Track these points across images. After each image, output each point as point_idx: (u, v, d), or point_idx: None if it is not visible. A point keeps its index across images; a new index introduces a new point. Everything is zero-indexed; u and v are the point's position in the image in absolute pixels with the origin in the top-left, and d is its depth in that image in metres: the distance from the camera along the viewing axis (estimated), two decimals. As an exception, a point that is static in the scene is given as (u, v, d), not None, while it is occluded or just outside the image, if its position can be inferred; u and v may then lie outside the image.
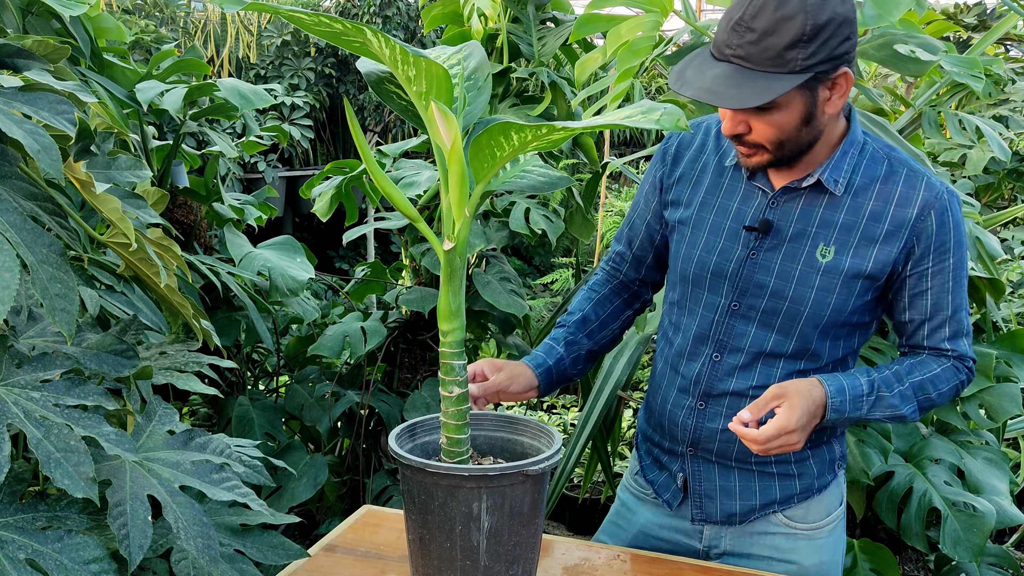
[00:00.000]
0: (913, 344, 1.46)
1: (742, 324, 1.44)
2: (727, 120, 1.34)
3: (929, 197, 1.36)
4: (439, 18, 2.74)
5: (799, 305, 1.40)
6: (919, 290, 1.40)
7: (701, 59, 1.30)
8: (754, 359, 1.44)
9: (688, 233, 1.49)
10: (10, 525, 0.96)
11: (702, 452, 1.51)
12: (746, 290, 1.43)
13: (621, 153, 8.11)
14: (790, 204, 1.41)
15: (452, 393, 1.24)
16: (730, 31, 1.26)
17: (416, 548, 1.26)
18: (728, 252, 1.44)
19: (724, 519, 1.53)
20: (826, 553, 1.54)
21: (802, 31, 1.22)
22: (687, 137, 1.53)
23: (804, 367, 1.44)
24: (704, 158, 1.50)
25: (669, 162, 1.54)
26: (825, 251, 1.39)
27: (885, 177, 1.39)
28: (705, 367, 1.47)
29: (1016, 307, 3.74)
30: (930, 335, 1.43)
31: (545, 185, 1.32)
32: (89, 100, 1.11)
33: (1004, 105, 4.28)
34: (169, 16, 6.04)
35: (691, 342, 1.50)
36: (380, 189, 1.19)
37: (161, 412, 1.18)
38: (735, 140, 1.36)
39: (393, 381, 2.80)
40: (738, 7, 1.26)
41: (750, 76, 1.25)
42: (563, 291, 5.62)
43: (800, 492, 1.51)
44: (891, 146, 1.43)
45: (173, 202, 2.49)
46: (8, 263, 0.91)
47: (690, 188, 1.50)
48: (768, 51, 1.23)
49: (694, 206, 1.49)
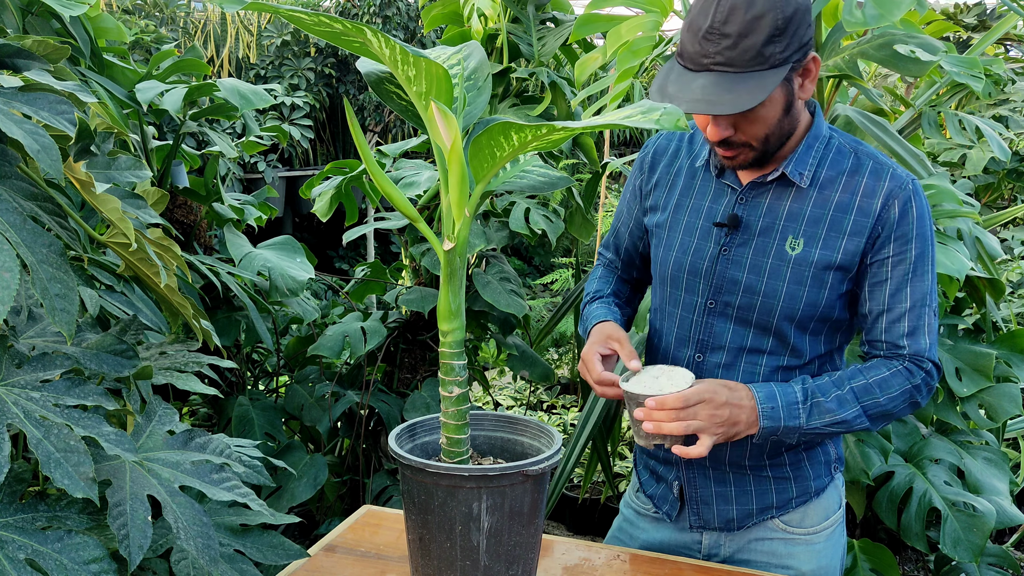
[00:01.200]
0: (871, 340, 1.42)
1: (720, 322, 1.45)
2: (712, 127, 1.33)
3: (893, 187, 1.37)
4: (439, 18, 2.74)
5: (772, 299, 1.41)
6: (878, 279, 1.39)
7: (676, 74, 1.30)
8: (736, 356, 1.45)
9: (665, 235, 1.51)
10: (10, 525, 0.96)
11: (696, 458, 1.50)
12: (720, 287, 1.44)
13: (621, 153, 8.11)
14: (758, 199, 1.43)
15: (452, 393, 1.24)
16: (702, 41, 1.26)
17: (416, 548, 1.26)
18: (701, 250, 1.46)
19: (722, 525, 1.54)
20: (824, 558, 1.53)
21: (775, 26, 1.24)
22: (663, 144, 1.56)
23: (788, 363, 1.44)
24: (678, 162, 1.53)
25: (647, 170, 1.57)
26: (794, 244, 1.40)
27: (852, 170, 1.40)
28: (689, 368, 1.47)
29: (1016, 307, 3.74)
30: (888, 329, 1.39)
31: (545, 185, 1.32)
32: (89, 100, 1.11)
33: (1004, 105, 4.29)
34: (169, 16, 6.04)
35: (673, 345, 1.51)
36: (380, 189, 1.19)
37: (161, 412, 1.18)
38: (722, 145, 1.36)
39: (393, 381, 2.80)
40: (702, 17, 1.26)
41: (737, 79, 1.25)
42: (563, 291, 5.62)
43: (797, 496, 1.51)
44: (858, 140, 1.44)
45: (173, 202, 2.49)
46: (8, 263, 0.91)
47: (666, 192, 1.53)
48: (747, 52, 1.24)
49: (669, 209, 1.51)
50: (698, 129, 1.51)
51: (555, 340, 5.02)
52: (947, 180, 2.18)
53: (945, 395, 2.26)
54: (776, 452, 1.48)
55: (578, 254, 4.94)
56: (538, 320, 5.09)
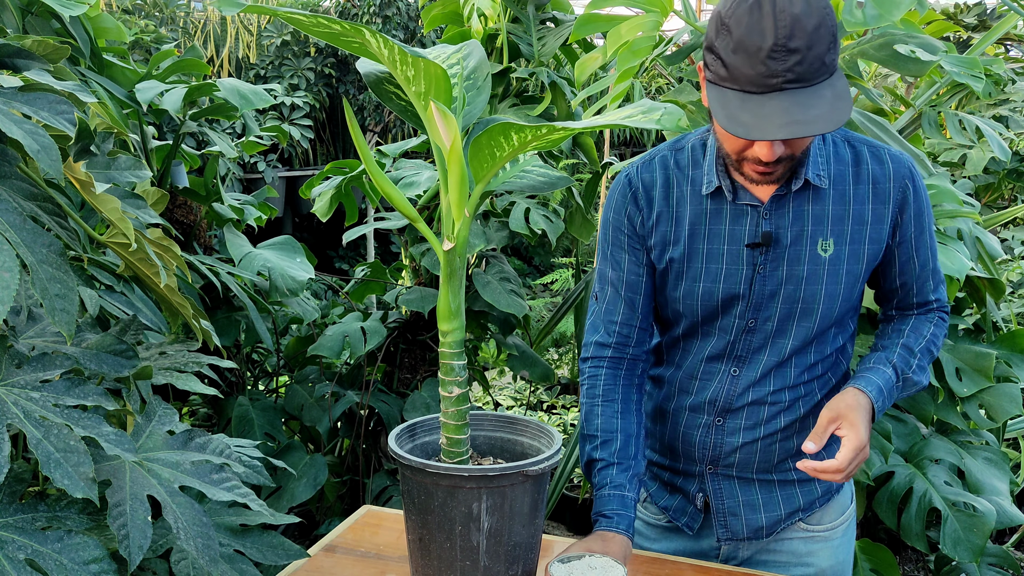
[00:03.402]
0: (903, 306, 1.51)
1: (759, 338, 1.44)
2: (770, 148, 1.27)
3: (898, 167, 1.41)
4: (439, 18, 2.74)
5: (812, 303, 1.40)
6: (908, 255, 1.45)
7: (738, 100, 1.22)
8: (771, 367, 1.44)
9: (685, 268, 1.44)
10: (10, 525, 0.96)
11: (722, 468, 1.49)
12: (759, 305, 1.41)
13: (621, 153, 8.11)
14: (781, 210, 1.40)
15: (452, 393, 1.24)
16: (768, 61, 1.19)
17: (416, 548, 1.26)
18: (734, 275, 1.41)
19: (751, 534, 1.51)
20: (841, 553, 1.54)
21: (831, 33, 1.22)
22: (647, 177, 1.46)
23: (813, 359, 1.45)
24: (676, 191, 1.44)
25: (643, 205, 1.45)
26: (825, 245, 1.40)
27: (854, 160, 1.41)
28: (723, 384, 1.46)
29: (1016, 307, 3.74)
30: (919, 291, 1.48)
31: (545, 185, 1.32)
32: (89, 100, 1.11)
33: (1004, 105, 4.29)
34: (169, 16, 6.04)
35: (704, 362, 1.47)
36: (380, 189, 1.19)
37: (161, 412, 1.18)
38: (772, 163, 1.30)
39: (393, 381, 2.80)
40: (756, 36, 1.18)
41: (811, 93, 1.20)
42: (563, 291, 5.62)
43: (821, 495, 1.51)
44: (843, 128, 1.45)
45: (173, 202, 2.49)
46: (8, 263, 0.91)
47: (673, 225, 1.44)
48: (814, 64, 1.20)
49: (683, 240, 1.43)
50: (678, 152, 1.46)
51: (555, 340, 5.02)
52: (947, 180, 2.17)
53: (945, 395, 2.26)
54: (801, 452, 1.47)
55: (578, 254, 4.94)
56: (538, 320, 5.09)
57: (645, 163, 1.47)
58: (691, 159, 1.44)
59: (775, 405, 1.45)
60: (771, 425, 1.45)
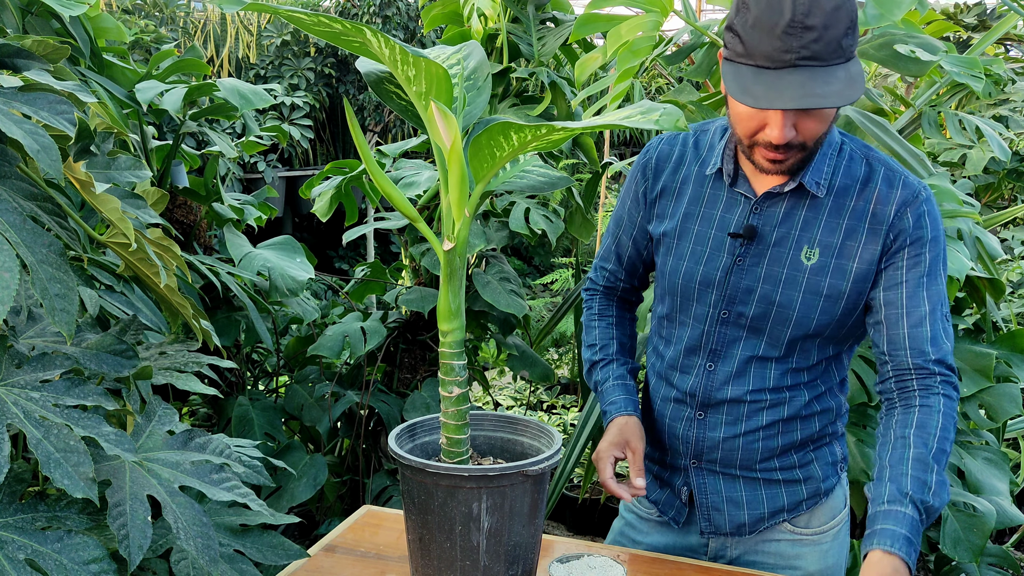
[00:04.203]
0: (900, 369, 1.37)
1: (733, 331, 1.44)
2: (782, 127, 1.26)
3: (907, 195, 1.36)
4: (439, 18, 2.74)
5: (787, 309, 1.39)
6: (893, 283, 1.36)
7: (751, 74, 1.23)
8: (747, 364, 1.44)
9: (674, 245, 1.48)
10: (10, 525, 0.96)
11: (706, 463, 1.50)
12: (734, 297, 1.42)
13: (621, 153, 8.11)
14: (772, 209, 1.40)
15: (452, 393, 1.24)
16: (784, 36, 1.19)
17: (416, 548, 1.26)
18: (714, 261, 1.43)
19: (733, 530, 1.52)
20: (831, 557, 1.53)
21: (851, 17, 1.22)
22: (665, 150, 1.51)
23: (797, 365, 1.44)
24: (684, 169, 1.48)
25: (650, 176, 1.51)
26: (810, 253, 1.38)
27: (865, 178, 1.39)
28: (700, 378, 1.47)
29: (1016, 307, 3.74)
30: (910, 335, 1.35)
31: (545, 185, 1.32)
32: (89, 100, 1.11)
33: (1004, 105, 4.29)
34: (169, 16, 6.04)
35: (683, 354, 1.49)
36: (380, 189, 1.19)
37: (161, 412, 1.18)
38: (779, 148, 1.29)
39: (393, 381, 2.80)
40: (773, 13, 1.20)
41: (827, 72, 1.20)
42: (563, 291, 5.62)
43: (808, 497, 1.51)
44: (868, 146, 1.42)
45: (173, 202, 2.49)
46: (8, 263, 0.91)
47: (673, 201, 1.49)
48: (831, 44, 1.20)
49: (678, 217, 1.47)
50: (701, 134, 1.49)
51: (555, 340, 5.02)
52: (947, 180, 2.17)
53: (945, 395, 2.26)
54: (786, 453, 1.48)
55: (578, 254, 4.94)
56: (538, 320, 5.09)
57: (671, 136, 1.52)
58: (709, 142, 1.48)
59: (755, 404, 1.45)
60: (752, 422, 1.45)
